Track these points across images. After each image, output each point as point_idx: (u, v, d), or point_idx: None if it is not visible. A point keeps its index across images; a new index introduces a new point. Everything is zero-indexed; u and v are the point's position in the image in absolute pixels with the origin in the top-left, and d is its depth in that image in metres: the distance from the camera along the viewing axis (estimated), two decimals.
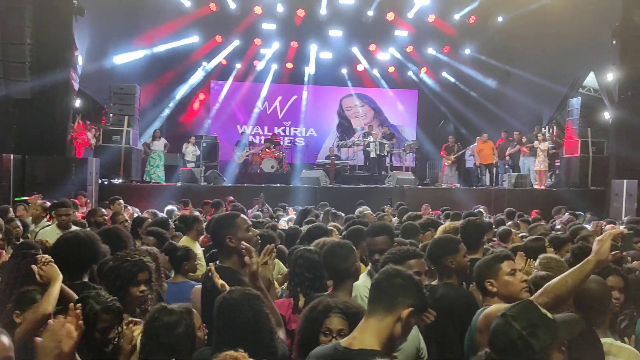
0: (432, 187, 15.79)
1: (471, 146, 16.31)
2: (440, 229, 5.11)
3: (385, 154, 16.43)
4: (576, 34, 14.12)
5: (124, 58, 15.92)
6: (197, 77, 18.80)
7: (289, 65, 19.57)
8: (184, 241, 5.35)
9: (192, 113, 19.58)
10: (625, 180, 12.93)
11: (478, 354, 1.90)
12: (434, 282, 3.43)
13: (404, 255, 2.92)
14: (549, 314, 1.80)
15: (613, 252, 2.28)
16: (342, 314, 2.39)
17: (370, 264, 3.72)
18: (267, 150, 16.67)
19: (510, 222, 8.15)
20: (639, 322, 2.86)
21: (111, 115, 13.63)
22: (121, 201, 8.55)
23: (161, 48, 17.03)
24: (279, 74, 19.81)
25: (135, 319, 2.57)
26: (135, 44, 16.20)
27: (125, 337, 2.46)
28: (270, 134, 18.84)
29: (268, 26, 17.92)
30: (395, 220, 7.82)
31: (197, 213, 7.92)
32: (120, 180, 13.18)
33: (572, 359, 1.82)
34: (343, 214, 7.66)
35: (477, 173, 16.25)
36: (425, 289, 2.03)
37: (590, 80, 15.49)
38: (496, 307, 2.56)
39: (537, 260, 3.55)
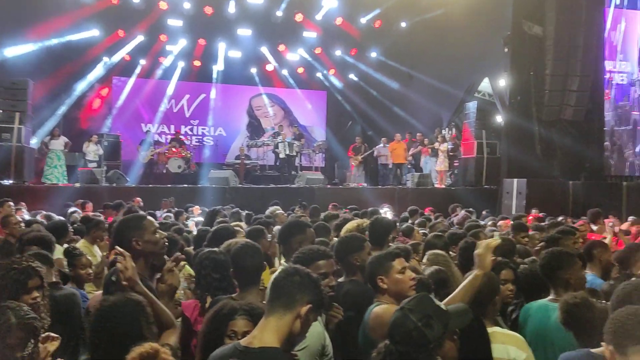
0: (341, 186, 16.14)
1: (377, 147, 16.85)
2: (346, 227, 5.24)
3: (295, 154, 16.56)
4: (472, 42, 15.05)
5: (15, 51, 14.81)
6: (97, 72, 17.86)
7: (197, 63, 19.15)
8: (81, 245, 5.09)
9: (93, 110, 18.58)
10: (515, 180, 13.98)
11: (378, 346, 1.98)
12: (340, 279, 3.52)
13: (313, 256, 2.97)
14: (442, 306, 1.92)
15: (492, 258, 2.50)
16: (247, 316, 2.39)
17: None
18: (173, 149, 16.19)
19: (412, 220, 8.51)
20: (522, 310, 3.10)
21: (1, 111, 12.61)
22: (11, 203, 7.93)
23: (57, 41, 15.99)
24: (186, 72, 19.32)
25: (52, 335, 2.39)
26: (28, 37, 15.10)
27: (38, 355, 2.27)
28: (177, 132, 18.32)
29: (174, 22, 17.41)
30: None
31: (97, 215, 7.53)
32: (11, 182, 12.23)
33: (461, 347, 1.95)
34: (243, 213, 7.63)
35: (386, 172, 16.77)
36: (323, 286, 2.09)
37: (485, 85, 16.57)
38: (384, 308, 2.67)
39: (426, 256, 3.75)
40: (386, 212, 10.22)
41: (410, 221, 8.19)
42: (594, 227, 8.48)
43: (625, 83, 16.50)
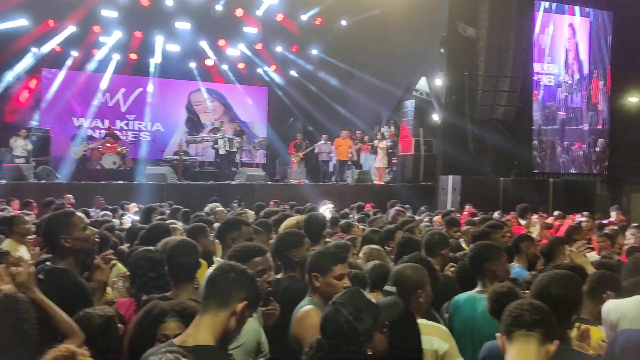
0: (282, 183, 16.13)
1: (317, 143, 16.94)
2: (285, 223, 5.26)
3: (235, 150, 16.39)
4: (410, 42, 15.41)
5: None
6: (25, 63, 16.96)
7: (133, 56, 18.55)
8: (7, 245, 4.84)
9: (20, 103, 17.62)
10: (450, 176, 14.48)
11: (310, 342, 2.00)
12: (279, 276, 3.53)
13: (248, 252, 2.96)
14: (373, 299, 1.98)
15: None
16: (178, 317, 2.34)
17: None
18: (107, 145, 15.62)
19: (358, 215, 8.64)
20: (451, 303, 3.22)
21: None
22: None
23: None
24: (121, 65, 18.67)
25: None
26: None
27: None
28: (110, 127, 17.67)
29: (108, 13, 16.77)
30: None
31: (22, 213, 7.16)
32: None
33: (392, 339, 2.01)
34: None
35: (327, 169, 16.87)
36: (260, 282, 2.09)
37: (423, 84, 16.99)
38: (306, 311, 2.73)
39: (362, 251, 3.83)
40: (327, 209, 10.31)
41: (354, 216, 8.33)
42: (522, 222, 8.91)
43: (553, 84, 17.36)
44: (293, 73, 20.27)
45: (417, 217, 9.11)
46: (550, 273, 2.40)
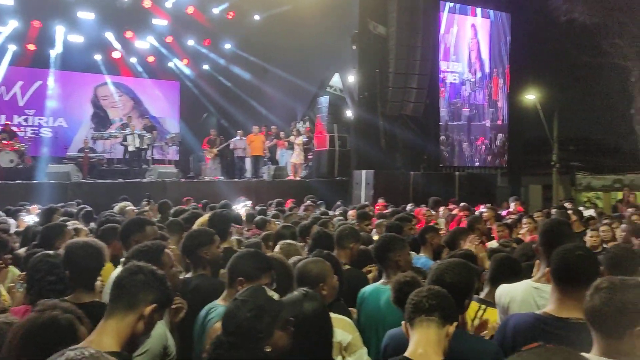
0: (195, 180, 15.77)
1: (232, 139, 16.72)
2: (198, 221, 5.17)
3: (146, 146, 15.79)
4: (323, 38, 15.57)
5: None
6: None
7: (31, 47, 17.33)
8: None
9: None
10: (363, 171, 14.84)
11: (211, 340, 1.99)
12: (188, 275, 3.47)
13: (152, 252, 2.87)
14: (275, 296, 1.99)
15: None
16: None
17: None
18: (3, 142, 14.49)
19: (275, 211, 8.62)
20: (358, 295, 3.31)
21: None
22: None
23: None
24: (18, 56, 17.39)
25: None
26: None
27: None
28: (6, 123, 16.42)
29: (3, 1, 15.56)
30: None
31: None
32: None
33: (303, 333, 2.03)
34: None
35: (243, 165, 16.67)
36: (169, 283, 2.04)
37: (336, 80, 17.25)
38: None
39: (278, 246, 3.85)
40: (244, 206, 10.23)
41: (274, 212, 8.31)
42: (433, 213, 9.36)
43: (458, 82, 18.27)
44: (206, 67, 19.86)
45: (332, 212, 9.27)
46: (445, 262, 2.54)
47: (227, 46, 19.19)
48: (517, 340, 2.28)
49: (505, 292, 2.79)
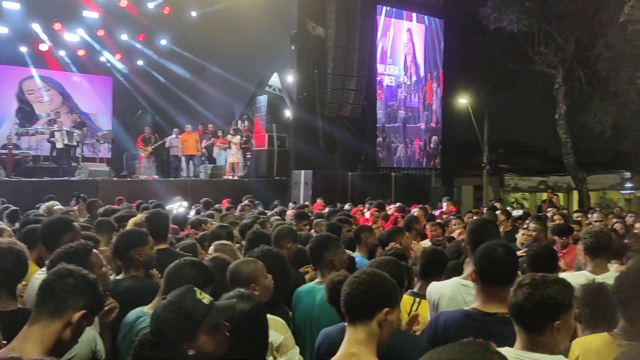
0: (129, 179, 15.28)
1: (168, 138, 16.33)
2: (131, 221, 5.02)
3: (75, 143, 15.11)
4: (262, 37, 15.49)
5: None
6: None
7: None
8: None
9: None
10: (302, 171, 14.90)
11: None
12: (119, 276, 3.37)
13: (82, 251, 2.76)
14: (205, 299, 1.96)
15: None
16: None
17: None
18: None
19: (206, 212, 8.49)
20: (294, 294, 3.32)
21: None
22: None
23: None
24: None
25: None
26: None
27: None
28: None
29: None
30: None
31: None
32: None
33: (239, 335, 2.02)
34: None
35: (179, 164, 16.32)
36: (101, 288, 1.97)
37: (275, 80, 17.22)
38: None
39: (212, 247, 3.81)
40: (180, 205, 10.00)
41: (203, 213, 8.18)
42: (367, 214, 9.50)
43: (394, 85, 18.70)
44: (140, 63, 19.26)
45: (269, 212, 9.24)
46: (378, 259, 2.61)
47: (163, 42, 18.70)
48: (448, 335, 2.37)
49: (435, 289, 2.90)
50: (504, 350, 1.66)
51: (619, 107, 18.66)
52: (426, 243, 5.82)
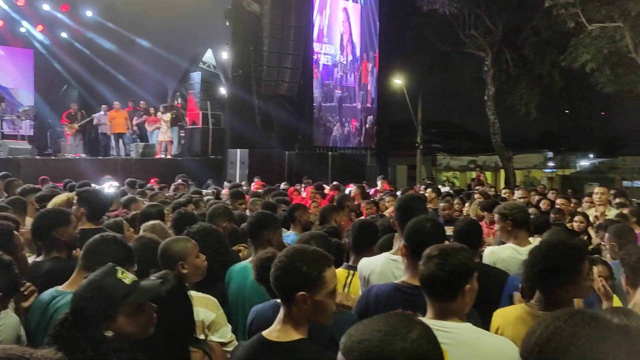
0: (54, 157, 14.54)
1: (96, 114, 15.61)
2: (53, 201, 4.78)
3: None
4: (195, 11, 15.00)
5: None
6: None
7: None
8: None
9: None
10: (238, 150, 14.71)
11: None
12: (39, 258, 3.21)
13: (4, 233, 2.60)
14: (127, 279, 1.90)
15: None
16: None
17: None
18: None
19: (134, 191, 8.23)
20: (227, 273, 3.29)
21: None
22: None
23: None
24: None
25: None
26: None
27: None
28: None
29: None
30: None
31: None
32: None
33: (162, 314, 1.98)
34: None
35: (108, 142, 15.66)
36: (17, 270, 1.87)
37: (209, 56, 16.81)
38: None
39: (142, 228, 3.71)
40: (110, 185, 9.62)
41: (131, 193, 7.90)
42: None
43: (330, 64, 18.71)
44: (64, 35, 18.18)
45: (204, 191, 9.09)
46: (307, 234, 2.62)
47: (89, 13, 17.71)
48: (379, 308, 2.43)
49: (366, 265, 2.96)
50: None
51: (544, 90, 19.63)
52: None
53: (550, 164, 32.26)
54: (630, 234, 3.95)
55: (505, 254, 3.56)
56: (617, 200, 7.23)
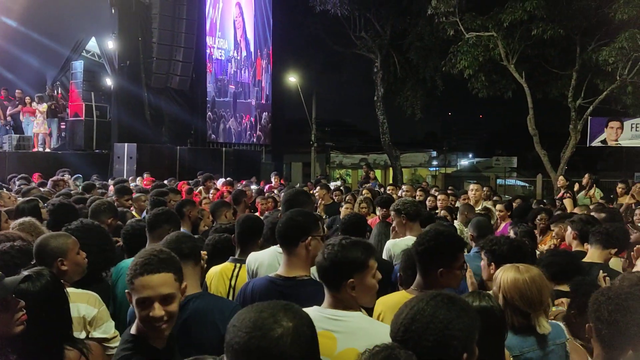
0: None
1: None
2: None
3: None
4: None
5: None
6: None
7: None
8: None
9: None
10: (126, 144, 14.05)
11: None
12: None
13: None
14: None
15: None
16: None
17: None
18: None
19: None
20: (114, 269, 3.18)
21: None
22: None
23: None
24: None
25: None
26: None
27: None
28: None
29: None
30: None
31: None
32: None
33: (36, 312, 1.89)
34: None
35: None
36: None
37: (94, 45, 15.87)
38: None
39: (12, 225, 3.51)
40: None
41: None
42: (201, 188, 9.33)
43: (224, 59, 18.47)
44: None
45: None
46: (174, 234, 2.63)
47: None
48: (255, 300, 2.47)
49: (254, 258, 3.01)
50: (309, 310, 1.78)
51: (428, 92, 20.85)
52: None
53: (435, 162, 34.39)
54: (488, 227, 4.36)
55: (404, 244, 3.78)
56: (495, 197, 7.98)
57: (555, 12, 14.09)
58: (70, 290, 2.30)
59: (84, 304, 2.44)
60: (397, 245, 3.89)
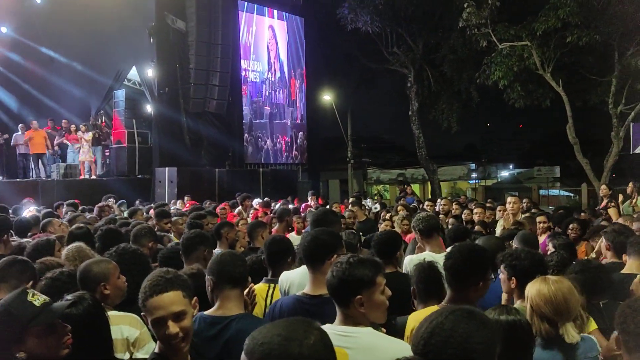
0: None
1: (15, 135, 14.88)
2: None
3: None
4: (117, 28, 14.69)
5: None
6: None
7: None
8: None
9: None
10: (166, 168, 14.46)
11: None
12: None
13: None
14: (37, 302, 1.92)
15: None
16: None
17: None
18: None
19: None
20: None
21: None
22: None
23: None
24: None
25: None
26: None
27: None
28: None
29: None
30: None
31: None
32: None
33: (79, 335, 2.01)
34: None
35: (27, 163, 14.90)
36: None
37: (134, 74, 16.45)
38: None
39: (65, 250, 3.66)
40: (30, 208, 9.22)
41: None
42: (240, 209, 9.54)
43: (258, 81, 18.82)
44: None
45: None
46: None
47: (3, 30, 16.91)
48: (283, 316, 2.55)
49: (286, 278, 3.09)
50: (325, 327, 1.83)
51: (463, 105, 20.65)
52: (292, 236, 6.02)
53: (474, 175, 33.83)
54: (534, 242, 4.32)
55: (417, 259, 3.80)
56: (533, 210, 7.85)
57: (590, 18, 13.82)
58: (112, 313, 2.41)
59: (126, 326, 2.54)
60: (412, 261, 3.89)
